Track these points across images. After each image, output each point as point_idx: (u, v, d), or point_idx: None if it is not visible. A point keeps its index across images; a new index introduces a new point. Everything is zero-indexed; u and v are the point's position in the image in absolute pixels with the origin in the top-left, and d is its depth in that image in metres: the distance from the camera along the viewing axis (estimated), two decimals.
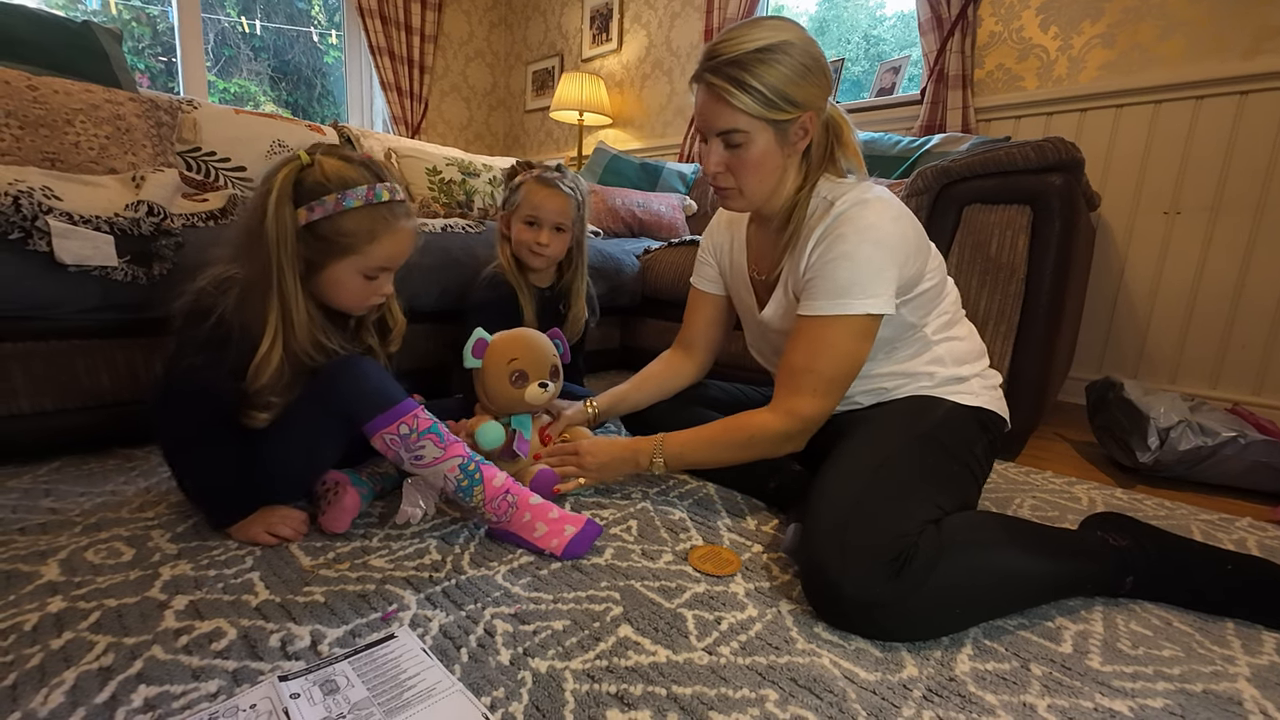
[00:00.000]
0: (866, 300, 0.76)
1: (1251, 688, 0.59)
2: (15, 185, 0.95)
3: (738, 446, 0.85)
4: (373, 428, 0.76)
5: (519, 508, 0.80)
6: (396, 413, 0.76)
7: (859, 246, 0.76)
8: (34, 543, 0.76)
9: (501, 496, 0.79)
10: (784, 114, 0.77)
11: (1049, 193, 1.18)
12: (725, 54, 0.76)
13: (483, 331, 0.97)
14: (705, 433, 0.88)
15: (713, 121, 0.79)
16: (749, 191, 0.83)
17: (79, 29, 1.43)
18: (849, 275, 0.76)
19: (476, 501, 0.79)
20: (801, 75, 0.76)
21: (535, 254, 1.24)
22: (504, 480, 0.81)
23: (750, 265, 0.97)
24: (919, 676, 0.58)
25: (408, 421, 0.77)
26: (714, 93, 0.77)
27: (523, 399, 0.95)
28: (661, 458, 0.88)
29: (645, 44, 2.94)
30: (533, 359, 0.97)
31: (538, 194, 1.22)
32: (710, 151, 0.82)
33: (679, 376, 1.11)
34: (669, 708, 0.53)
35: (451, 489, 0.79)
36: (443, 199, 1.82)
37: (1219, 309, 1.61)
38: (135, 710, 0.50)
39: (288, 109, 3.21)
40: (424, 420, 0.78)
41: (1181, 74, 1.59)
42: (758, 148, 0.79)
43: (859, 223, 0.77)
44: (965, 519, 0.68)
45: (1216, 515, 1.03)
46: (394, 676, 0.54)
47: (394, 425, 0.76)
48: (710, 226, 1.07)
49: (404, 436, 0.76)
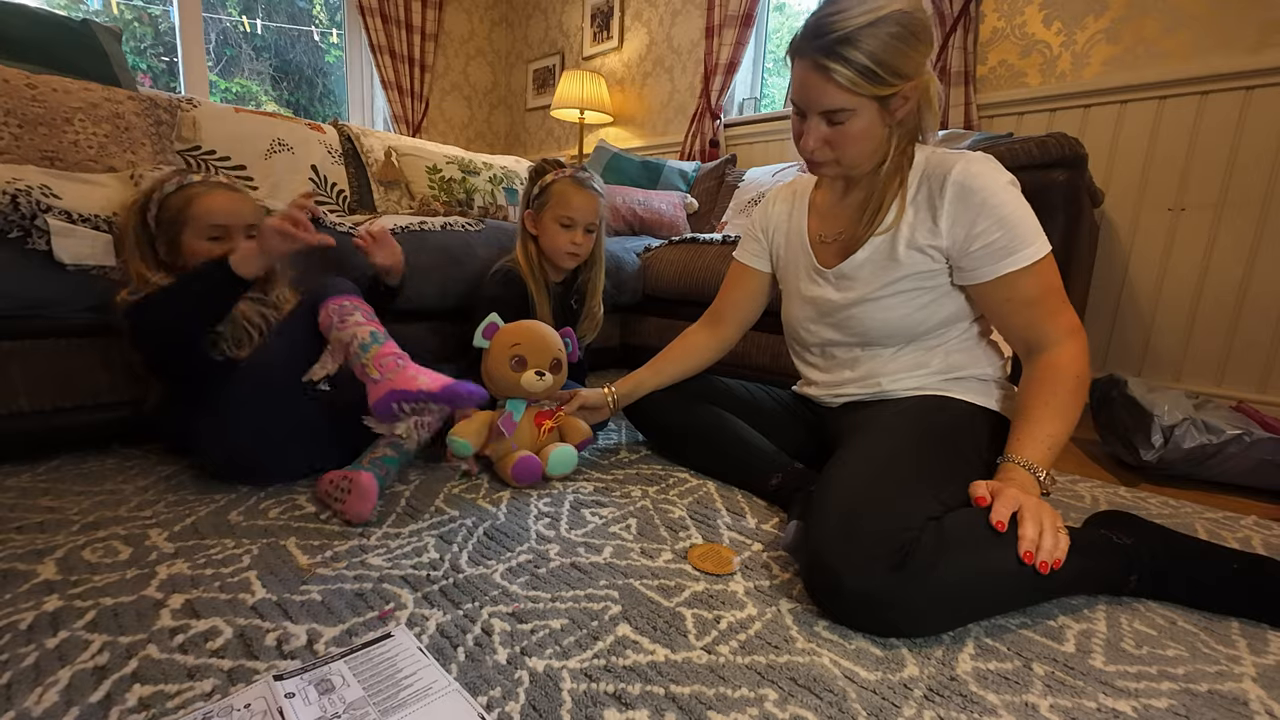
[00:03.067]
0: (1042, 239, 0.79)
1: (1257, 688, 0.58)
2: (14, 184, 0.94)
3: (1078, 393, 0.76)
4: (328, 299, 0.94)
5: (406, 367, 0.87)
6: (346, 296, 0.96)
7: (1009, 197, 0.79)
8: (31, 541, 0.76)
9: (391, 357, 0.88)
10: (891, 88, 0.76)
11: (1052, 189, 1.18)
12: (835, 30, 0.73)
13: (496, 316, 1.04)
14: (1045, 412, 0.75)
15: (817, 100, 0.78)
16: (847, 162, 0.83)
17: (78, 28, 1.43)
18: (1023, 222, 0.78)
19: (368, 359, 0.88)
20: (910, 45, 0.74)
21: (571, 255, 1.24)
22: (397, 350, 0.90)
23: (814, 228, 0.96)
24: (920, 676, 0.58)
25: (346, 302, 0.95)
26: (821, 72, 0.75)
27: (518, 383, 1.00)
28: (1044, 469, 0.73)
29: (646, 42, 2.93)
30: (534, 348, 1.01)
31: (575, 196, 1.22)
32: (810, 129, 0.81)
33: (701, 354, 1.12)
34: (667, 707, 0.53)
35: (355, 348, 0.90)
36: (443, 197, 1.81)
37: (1224, 306, 1.60)
38: (129, 709, 0.50)
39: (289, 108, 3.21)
40: (364, 306, 0.96)
41: (1186, 69, 1.58)
42: (861, 123, 0.78)
43: (993, 179, 0.79)
44: (968, 515, 0.67)
45: (1221, 513, 1.02)
46: (390, 676, 0.54)
47: (340, 300, 0.94)
48: (766, 200, 1.07)
49: (342, 308, 0.94)
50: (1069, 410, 0.75)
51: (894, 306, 0.87)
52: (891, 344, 0.91)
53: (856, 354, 0.94)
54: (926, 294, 0.86)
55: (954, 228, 0.81)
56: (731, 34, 2.48)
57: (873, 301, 0.88)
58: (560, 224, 1.22)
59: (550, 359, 1.02)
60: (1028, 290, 0.79)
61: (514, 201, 1.91)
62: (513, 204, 1.90)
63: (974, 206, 0.79)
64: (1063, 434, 0.75)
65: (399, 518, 0.87)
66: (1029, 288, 0.79)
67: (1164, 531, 0.74)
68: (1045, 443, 0.74)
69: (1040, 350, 0.79)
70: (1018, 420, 0.77)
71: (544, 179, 1.25)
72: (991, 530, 0.64)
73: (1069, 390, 0.76)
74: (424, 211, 1.79)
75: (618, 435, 1.30)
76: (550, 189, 1.23)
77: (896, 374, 0.90)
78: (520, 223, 1.28)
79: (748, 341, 1.10)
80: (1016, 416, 0.78)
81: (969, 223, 0.79)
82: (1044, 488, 0.73)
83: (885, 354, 0.91)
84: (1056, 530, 0.64)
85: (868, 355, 0.93)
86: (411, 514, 0.88)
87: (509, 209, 1.88)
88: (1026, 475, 0.72)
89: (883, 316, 0.88)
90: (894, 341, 0.90)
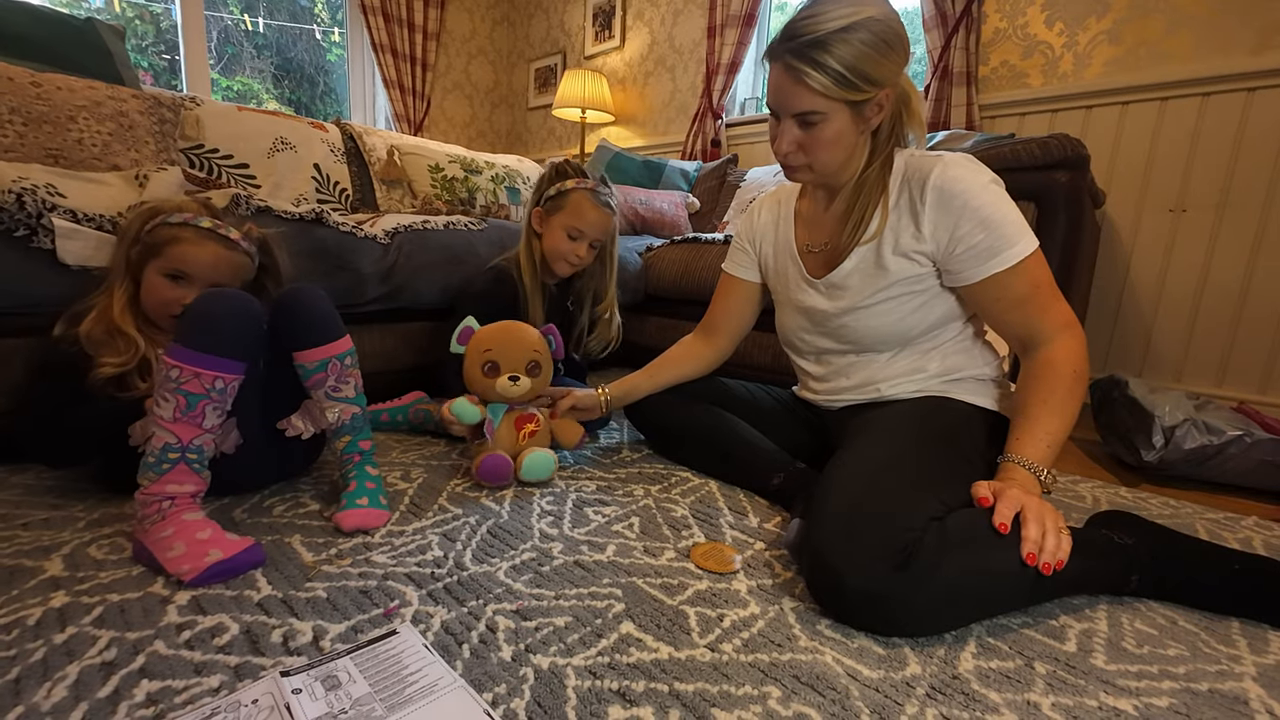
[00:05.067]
0: (1028, 236, 0.79)
1: (1257, 687, 0.59)
2: (19, 182, 0.95)
3: (1075, 389, 0.76)
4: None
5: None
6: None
7: (990, 198, 0.78)
8: (37, 538, 0.77)
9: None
10: (862, 94, 0.76)
11: (1054, 190, 1.18)
12: (807, 34, 0.74)
13: (472, 320, 1.02)
14: (1043, 410, 0.75)
15: (789, 103, 0.79)
16: (819, 167, 0.83)
17: (82, 26, 1.44)
18: (1006, 222, 0.78)
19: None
20: (882, 53, 0.75)
21: (569, 264, 1.24)
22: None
23: (800, 237, 0.97)
24: (922, 674, 0.58)
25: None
26: (792, 75, 0.76)
27: (494, 389, 0.99)
28: (1045, 468, 0.73)
29: (648, 41, 2.93)
30: (505, 352, 0.99)
31: (591, 211, 1.21)
32: (784, 132, 0.81)
33: (697, 361, 1.12)
34: (671, 704, 0.53)
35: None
36: (445, 196, 1.81)
37: (1224, 307, 1.60)
38: (137, 705, 0.50)
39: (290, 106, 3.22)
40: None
41: (1188, 70, 1.58)
42: (833, 127, 0.78)
43: (973, 179, 0.79)
44: (970, 515, 0.67)
45: (1222, 514, 1.02)
46: (396, 672, 0.54)
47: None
48: (751, 210, 1.06)
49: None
50: (1067, 407, 0.75)
51: (885, 313, 0.87)
52: (886, 349, 0.91)
53: (852, 360, 0.95)
54: (917, 298, 0.86)
55: (936, 232, 0.81)
56: (733, 33, 2.48)
57: (864, 309, 0.88)
58: (569, 233, 1.22)
59: (526, 362, 1.00)
60: (1017, 289, 0.79)
61: (516, 201, 1.91)
62: (514, 203, 1.90)
63: (955, 210, 0.79)
64: (1062, 431, 0.75)
65: (402, 516, 0.87)
66: (1018, 286, 0.79)
67: (1165, 532, 0.75)
68: (1045, 441, 0.74)
69: (1036, 347, 0.79)
70: (1016, 419, 0.77)
71: (565, 183, 1.23)
72: (994, 531, 0.64)
73: (1066, 387, 0.76)
74: (427, 210, 1.80)
75: (619, 434, 1.31)
76: (568, 196, 1.22)
77: (894, 379, 0.90)
78: (527, 219, 1.27)
79: (748, 341, 1.10)
80: (1015, 415, 0.78)
81: (951, 226, 0.80)
82: (1045, 486, 0.73)
83: (880, 359, 0.92)
84: (1059, 531, 0.65)
85: (863, 361, 0.93)
86: (415, 512, 0.88)
87: (511, 208, 1.89)
88: (1027, 475, 0.72)
89: (875, 323, 0.89)
90: (888, 346, 0.91)
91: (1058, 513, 0.67)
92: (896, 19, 0.76)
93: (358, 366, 0.90)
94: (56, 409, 0.81)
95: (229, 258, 0.90)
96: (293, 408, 0.89)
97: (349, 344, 0.88)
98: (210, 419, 0.75)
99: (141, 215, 0.88)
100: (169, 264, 0.86)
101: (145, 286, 0.87)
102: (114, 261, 0.89)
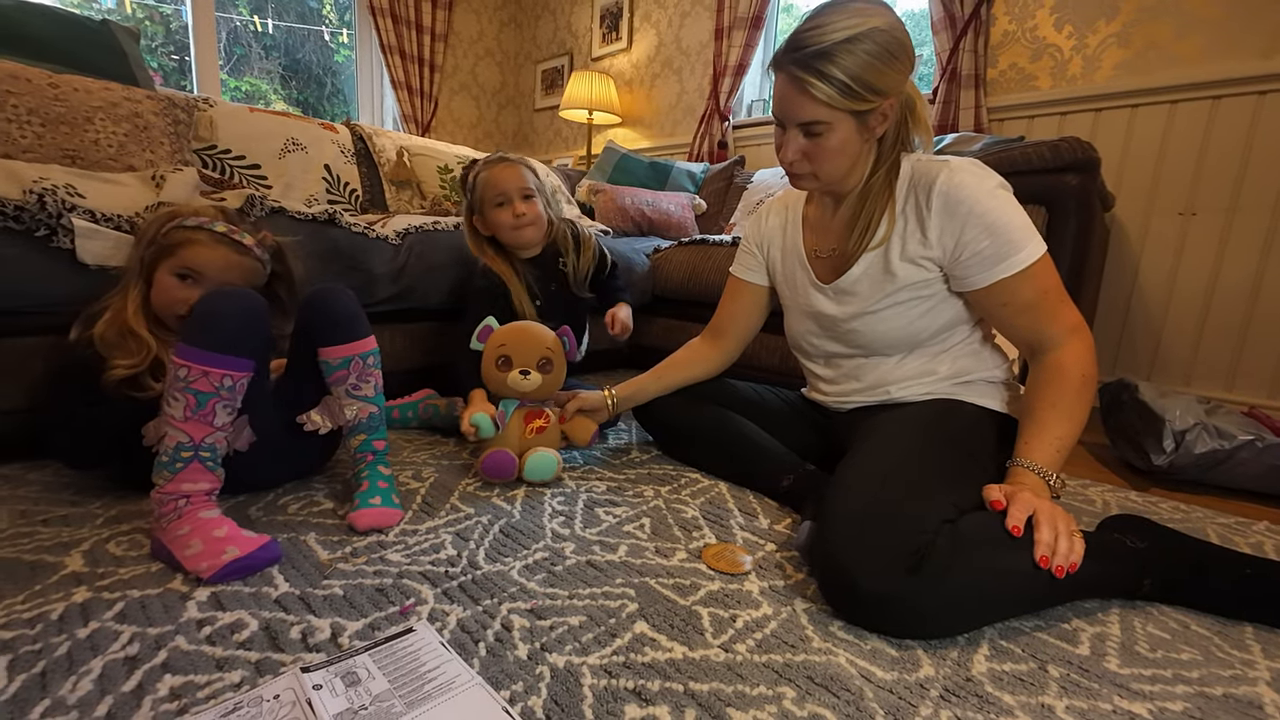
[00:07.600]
0: (1034, 241, 0.78)
1: (1272, 691, 0.59)
2: (40, 183, 0.96)
3: (1084, 393, 0.76)
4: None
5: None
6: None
7: (995, 203, 0.78)
8: (57, 534, 0.78)
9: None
10: (867, 104, 0.76)
11: (1065, 193, 1.18)
12: (812, 44, 0.74)
13: (492, 320, 1.07)
14: (1051, 414, 0.75)
15: (794, 113, 0.79)
16: (824, 175, 0.84)
17: (97, 27, 1.45)
18: (1012, 227, 0.78)
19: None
20: (887, 63, 0.75)
21: (520, 228, 1.24)
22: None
23: (808, 243, 0.97)
24: (935, 676, 0.58)
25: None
26: (797, 85, 0.77)
27: (505, 382, 1.03)
28: (1053, 472, 0.73)
29: (655, 43, 2.93)
30: (518, 348, 1.03)
31: (493, 174, 1.24)
32: (789, 141, 0.82)
33: (704, 364, 1.12)
34: (687, 704, 0.53)
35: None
36: (454, 197, 1.82)
37: (1235, 311, 1.60)
38: (161, 699, 0.51)
39: (298, 107, 3.23)
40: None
41: (1198, 73, 1.58)
42: (838, 136, 0.79)
43: (978, 185, 0.79)
44: (983, 518, 0.68)
45: (1233, 519, 1.02)
46: (414, 669, 0.55)
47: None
48: (759, 213, 1.07)
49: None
50: (1076, 411, 0.76)
51: (894, 317, 0.88)
52: (895, 353, 0.91)
53: (860, 363, 0.95)
54: (924, 302, 0.86)
55: (943, 238, 0.81)
56: (741, 36, 2.48)
57: (872, 314, 0.89)
58: (495, 205, 1.23)
59: (538, 358, 1.03)
60: (1024, 294, 0.79)
61: None
62: None
63: (960, 216, 0.79)
64: (1071, 436, 0.75)
65: (415, 515, 0.88)
66: (1025, 292, 0.79)
67: (1177, 536, 0.75)
68: (1053, 445, 0.74)
69: (1044, 351, 0.80)
70: (1025, 423, 0.78)
71: (467, 181, 1.28)
72: (1006, 534, 0.65)
73: (1075, 391, 0.76)
74: (436, 211, 1.81)
75: (628, 435, 1.31)
76: (475, 182, 1.25)
77: (904, 381, 0.91)
78: (469, 231, 1.29)
79: (756, 342, 1.11)
80: (1024, 419, 0.78)
81: (956, 232, 0.80)
82: (1054, 491, 0.73)
83: (889, 362, 0.92)
84: (1071, 535, 0.65)
85: (872, 364, 0.94)
86: (428, 511, 0.89)
87: None
88: (1036, 479, 0.72)
89: (884, 328, 0.89)
90: (897, 350, 0.91)
91: (1070, 516, 0.67)
92: (901, 28, 0.77)
93: (379, 368, 0.91)
94: (72, 411, 0.82)
95: (240, 262, 0.91)
96: (311, 406, 0.90)
97: (373, 344, 0.89)
98: (221, 417, 0.75)
99: (159, 218, 0.89)
100: (180, 263, 0.87)
101: (156, 286, 0.87)
102: (129, 263, 0.90)
